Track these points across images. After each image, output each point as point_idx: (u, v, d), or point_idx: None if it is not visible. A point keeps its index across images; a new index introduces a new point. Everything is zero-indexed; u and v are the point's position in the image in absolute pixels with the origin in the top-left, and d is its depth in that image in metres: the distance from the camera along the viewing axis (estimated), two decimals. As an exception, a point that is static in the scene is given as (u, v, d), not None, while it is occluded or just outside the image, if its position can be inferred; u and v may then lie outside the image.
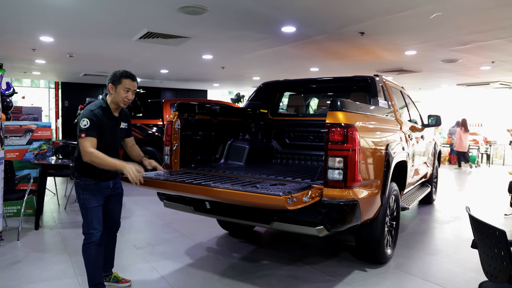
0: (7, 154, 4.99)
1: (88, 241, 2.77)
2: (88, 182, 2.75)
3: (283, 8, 5.03)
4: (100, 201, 2.81)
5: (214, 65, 9.91)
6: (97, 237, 2.79)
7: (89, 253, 2.79)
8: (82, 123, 2.63)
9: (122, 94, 2.74)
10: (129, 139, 3.11)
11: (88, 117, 2.65)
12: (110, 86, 2.76)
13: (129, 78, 2.75)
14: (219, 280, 3.31)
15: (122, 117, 2.92)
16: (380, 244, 3.51)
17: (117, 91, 2.74)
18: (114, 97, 2.76)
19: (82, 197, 2.76)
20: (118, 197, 3.05)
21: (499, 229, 1.75)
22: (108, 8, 5.15)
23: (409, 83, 12.30)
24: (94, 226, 2.77)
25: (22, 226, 4.57)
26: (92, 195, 2.76)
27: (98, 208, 2.79)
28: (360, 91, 4.79)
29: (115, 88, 2.74)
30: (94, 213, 2.76)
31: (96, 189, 2.78)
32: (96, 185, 2.78)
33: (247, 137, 4.73)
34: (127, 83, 2.74)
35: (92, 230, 2.76)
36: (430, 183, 6.18)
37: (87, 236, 2.78)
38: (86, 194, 2.75)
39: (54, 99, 15.98)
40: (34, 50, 8.12)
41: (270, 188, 2.72)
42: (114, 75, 2.75)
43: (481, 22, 5.43)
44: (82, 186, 2.76)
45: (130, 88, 2.75)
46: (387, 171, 3.40)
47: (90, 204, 2.75)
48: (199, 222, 4.99)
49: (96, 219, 2.77)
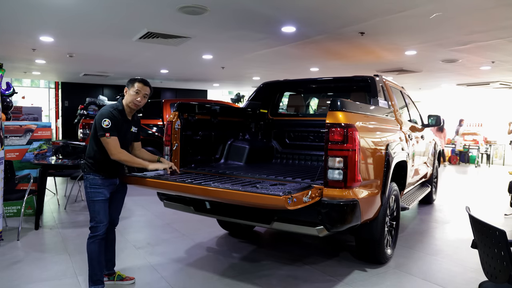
0: (7, 154, 4.99)
1: (94, 234, 2.88)
2: (97, 177, 2.90)
3: (283, 8, 5.03)
4: (107, 195, 2.93)
5: (214, 65, 9.91)
6: (103, 231, 2.90)
7: (94, 248, 2.89)
8: (104, 123, 2.79)
9: (132, 96, 2.91)
10: (137, 143, 3.22)
11: (108, 117, 2.82)
12: (126, 89, 2.97)
13: (141, 82, 2.94)
14: (219, 280, 3.31)
15: (134, 121, 3.08)
16: (380, 244, 3.51)
17: (129, 93, 2.94)
18: (126, 99, 2.95)
19: (90, 191, 2.88)
20: (122, 195, 3.18)
21: (499, 229, 1.75)
22: (108, 8, 5.15)
23: (409, 83, 12.30)
24: (100, 219, 2.88)
25: (22, 226, 4.57)
26: (99, 189, 2.89)
27: (105, 202, 2.92)
28: (360, 91, 4.79)
29: (128, 90, 2.94)
30: (101, 206, 2.89)
31: (104, 184, 2.91)
32: (104, 181, 2.91)
33: (247, 137, 4.73)
34: (138, 86, 2.92)
35: (99, 223, 2.88)
36: (430, 183, 6.18)
37: (93, 229, 2.88)
38: (94, 188, 2.88)
39: (54, 99, 15.98)
40: (34, 50, 8.12)
41: (270, 188, 2.72)
42: (131, 79, 2.97)
43: (481, 22, 5.43)
44: (90, 181, 2.89)
45: (141, 90, 2.92)
46: (387, 171, 3.40)
47: (97, 197, 2.88)
48: (199, 222, 4.98)
49: (103, 211, 2.89)
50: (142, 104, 2.95)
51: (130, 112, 3.00)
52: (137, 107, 2.96)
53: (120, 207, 3.20)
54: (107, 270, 3.17)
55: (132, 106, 2.94)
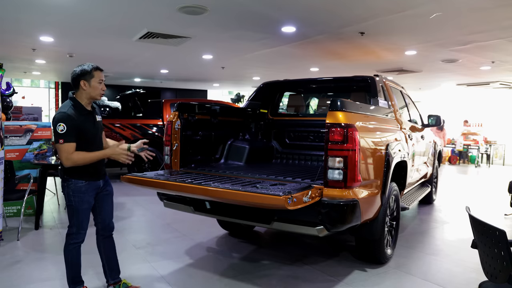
0: (7, 154, 4.99)
1: (75, 241, 2.77)
2: (80, 184, 2.71)
3: (283, 8, 5.03)
4: (91, 202, 2.81)
5: (214, 65, 9.90)
6: (83, 237, 2.82)
7: (73, 253, 2.79)
8: (59, 128, 2.56)
9: (98, 87, 2.72)
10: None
11: (63, 120, 2.57)
12: (83, 82, 2.67)
13: (99, 70, 2.74)
14: (219, 280, 3.31)
15: (95, 110, 2.85)
16: (380, 244, 3.51)
17: (92, 85, 2.69)
18: (89, 91, 2.70)
19: (73, 199, 2.71)
20: (109, 197, 2.96)
21: (499, 229, 1.75)
22: (108, 8, 5.15)
23: (409, 83, 12.30)
24: (84, 227, 2.78)
25: (22, 226, 4.57)
26: (83, 197, 2.73)
27: (88, 209, 2.81)
28: (360, 91, 4.79)
29: (89, 82, 2.68)
30: (85, 215, 2.77)
31: (87, 190, 2.74)
32: (87, 186, 2.74)
33: (247, 137, 4.73)
34: (99, 75, 2.73)
35: (82, 230, 2.78)
36: (430, 183, 6.18)
37: (74, 236, 2.76)
38: (78, 196, 2.71)
39: (54, 99, 15.97)
40: (34, 50, 8.12)
41: (270, 188, 2.72)
42: (84, 70, 2.68)
43: (481, 22, 5.43)
44: (72, 188, 2.71)
45: (102, 79, 2.75)
46: (387, 171, 3.40)
47: (82, 206, 2.73)
48: (199, 222, 4.98)
49: (86, 220, 2.79)
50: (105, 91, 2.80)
51: (88, 104, 2.76)
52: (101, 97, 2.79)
53: (111, 210, 2.99)
54: (112, 280, 3.02)
55: (99, 98, 2.76)
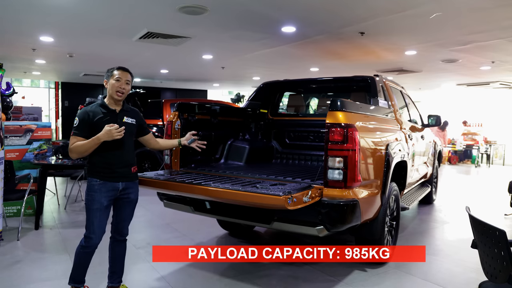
0: (7, 154, 4.99)
1: (86, 245, 2.68)
2: (94, 182, 2.68)
3: (283, 8, 5.03)
4: (104, 203, 2.67)
5: (214, 65, 9.90)
6: (95, 243, 2.69)
7: (82, 257, 2.73)
8: (74, 121, 2.70)
9: (115, 84, 2.71)
10: (147, 136, 3.00)
11: (79, 116, 2.70)
12: (105, 82, 2.78)
13: (119, 69, 2.77)
14: (219, 280, 3.31)
15: (124, 112, 2.80)
16: (380, 244, 3.51)
17: (110, 84, 2.74)
18: (108, 90, 2.74)
19: (86, 198, 2.70)
20: (130, 203, 2.84)
21: (499, 229, 1.75)
22: (108, 8, 5.15)
23: (409, 83, 12.29)
24: (93, 229, 2.66)
25: (22, 226, 4.57)
26: (95, 196, 2.66)
27: (100, 210, 2.67)
28: (360, 91, 4.79)
29: (108, 82, 2.75)
30: (95, 215, 2.65)
31: (101, 190, 2.66)
32: (102, 186, 2.67)
33: (247, 137, 4.72)
34: (117, 73, 2.74)
35: (92, 234, 2.65)
36: (430, 183, 6.18)
37: (85, 239, 2.68)
38: (90, 194, 2.68)
39: (54, 99, 15.97)
40: (34, 50, 8.11)
41: (270, 188, 2.72)
42: (108, 70, 2.79)
43: (481, 22, 5.43)
44: (88, 186, 2.70)
45: (121, 77, 2.72)
46: (387, 171, 3.40)
47: (92, 206, 2.66)
48: (199, 222, 4.98)
49: (97, 221, 2.66)
50: (126, 91, 2.73)
51: (115, 104, 2.75)
52: (122, 96, 2.72)
53: (126, 216, 2.85)
54: (111, 283, 2.92)
55: (116, 96, 2.71)
